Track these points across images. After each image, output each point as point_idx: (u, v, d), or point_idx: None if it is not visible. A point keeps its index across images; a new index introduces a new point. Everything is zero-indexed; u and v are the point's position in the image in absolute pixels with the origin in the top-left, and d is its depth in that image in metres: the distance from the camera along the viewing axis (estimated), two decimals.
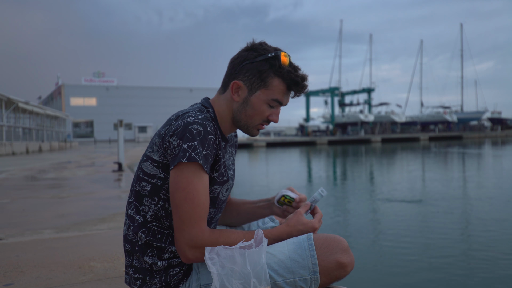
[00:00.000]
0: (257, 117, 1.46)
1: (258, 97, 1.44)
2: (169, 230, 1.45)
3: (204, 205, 1.35)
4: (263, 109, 1.45)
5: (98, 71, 59.64)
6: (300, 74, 1.43)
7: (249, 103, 1.45)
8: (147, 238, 1.43)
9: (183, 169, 1.32)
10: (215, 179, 1.44)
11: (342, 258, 1.38)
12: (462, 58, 79.55)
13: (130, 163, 12.24)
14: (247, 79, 1.44)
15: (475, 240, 5.71)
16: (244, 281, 1.24)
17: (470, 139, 48.86)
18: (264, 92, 1.44)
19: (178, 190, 1.32)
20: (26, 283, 2.10)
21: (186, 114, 1.39)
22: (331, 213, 7.99)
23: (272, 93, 1.43)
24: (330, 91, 60.41)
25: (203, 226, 1.35)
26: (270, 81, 1.42)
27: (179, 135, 1.33)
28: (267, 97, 1.44)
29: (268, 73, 1.42)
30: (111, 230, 3.39)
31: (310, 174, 15.94)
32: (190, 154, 1.31)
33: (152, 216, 1.44)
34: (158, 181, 1.42)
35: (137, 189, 1.47)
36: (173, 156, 1.34)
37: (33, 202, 5.11)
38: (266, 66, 1.42)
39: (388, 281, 4.27)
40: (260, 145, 38.87)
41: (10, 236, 3.22)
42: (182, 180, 1.32)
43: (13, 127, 22.40)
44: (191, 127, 1.33)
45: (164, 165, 1.40)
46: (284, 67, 1.41)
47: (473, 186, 11.40)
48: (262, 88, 1.43)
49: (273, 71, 1.42)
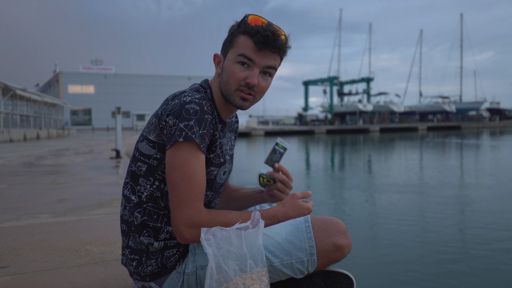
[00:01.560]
0: (230, 81, 1.38)
1: (228, 58, 1.39)
2: (164, 210, 1.43)
3: (201, 185, 1.33)
4: (234, 69, 1.37)
5: (96, 59, 59.29)
6: (266, 27, 1.35)
7: (224, 69, 1.41)
8: (143, 218, 1.41)
9: (180, 149, 1.30)
10: (211, 160, 1.42)
11: (340, 240, 1.37)
12: (461, 48, 79.23)
13: (128, 150, 12.21)
14: (222, 48, 1.43)
15: (471, 225, 5.74)
16: (240, 262, 1.24)
17: (469, 129, 48.92)
18: (232, 52, 1.38)
19: (174, 170, 1.31)
20: (22, 265, 2.10)
21: (183, 94, 1.37)
22: (330, 199, 8.01)
23: (238, 49, 1.37)
24: (329, 80, 60.19)
25: (200, 206, 1.33)
26: (236, 39, 1.38)
27: (175, 114, 1.31)
28: (234, 54, 1.37)
29: (235, 34, 1.38)
30: (108, 215, 3.38)
31: (308, 162, 15.95)
32: (186, 133, 1.29)
33: (147, 196, 1.42)
34: (154, 162, 1.40)
35: (133, 169, 1.45)
36: (169, 135, 1.32)
37: (30, 188, 5.09)
38: (235, 29, 1.39)
39: (384, 263, 4.29)
40: (259, 134, 38.86)
41: (7, 221, 3.21)
42: (178, 160, 1.30)
43: (10, 114, 22.28)
44: (187, 106, 1.31)
45: (160, 145, 1.38)
46: (249, 24, 1.36)
47: (469, 174, 11.42)
48: (230, 49, 1.39)
49: (239, 30, 1.37)
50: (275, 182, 1.59)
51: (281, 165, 1.57)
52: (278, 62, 1.43)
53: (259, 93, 1.42)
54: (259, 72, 1.38)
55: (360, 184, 10.10)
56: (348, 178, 11.53)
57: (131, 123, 55.07)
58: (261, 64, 1.38)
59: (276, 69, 1.43)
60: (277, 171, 1.57)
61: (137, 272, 1.43)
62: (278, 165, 1.57)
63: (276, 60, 1.40)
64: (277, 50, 1.37)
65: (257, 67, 1.38)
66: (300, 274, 1.38)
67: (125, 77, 59.77)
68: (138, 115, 55.33)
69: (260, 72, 1.39)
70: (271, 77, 1.44)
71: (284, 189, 1.58)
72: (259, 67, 1.38)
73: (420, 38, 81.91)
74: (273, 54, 1.38)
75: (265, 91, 1.44)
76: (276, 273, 1.37)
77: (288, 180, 1.57)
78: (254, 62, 1.37)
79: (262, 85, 1.40)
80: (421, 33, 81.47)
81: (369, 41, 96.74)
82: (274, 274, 1.37)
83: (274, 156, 1.58)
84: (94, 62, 59.01)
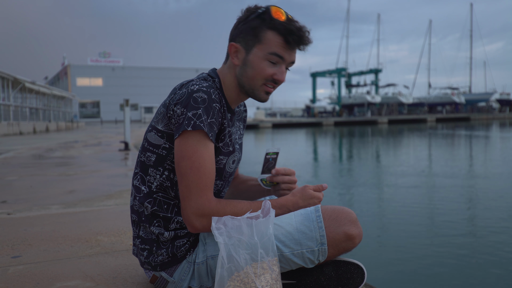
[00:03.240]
0: (258, 77, 1.38)
1: (255, 54, 1.38)
2: (175, 200, 1.43)
3: (210, 174, 1.32)
4: (263, 66, 1.37)
5: (104, 51, 59.46)
6: (295, 24, 1.36)
7: (248, 63, 1.39)
8: (153, 208, 1.42)
9: (188, 138, 1.29)
10: (220, 149, 1.42)
11: (350, 230, 1.36)
12: (471, 38, 78.39)
13: (136, 143, 12.25)
14: (242, 40, 1.39)
15: (480, 215, 5.70)
16: (251, 251, 1.23)
17: (478, 121, 48.47)
18: (260, 48, 1.37)
19: (183, 159, 1.30)
20: (33, 255, 2.12)
21: (190, 83, 1.37)
22: (338, 189, 7.99)
23: (268, 47, 1.36)
24: (337, 72, 59.84)
25: (209, 195, 1.33)
26: (263, 35, 1.36)
27: (183, 103, 1.31)
28: (264, 52, 1.36)
29: (260, 28, 1.36)
30: (118, 206, 3.40)
31: (316, 154, 15.92)
32: (195, 122, 1.28)
33: (157, 186, 1.42)
34: (163, 151, 1.40)
35: (142, 159, 1.45)
36: (178, 125, 1.31)
37: (41, 179, 5.13)
38: (258, 22, 1.37)
39: (394, 253, 4.29)
40: (266, 126, 38.80)
41: (18, 211, 3.24)
42: (187, 149, 1.29)
43: (20, 107, 22.45)
44: (195, 95, 1.30)
45: (169, 135, 1.37)
46: (276, 19, 1.35)
47: (478, 167, 11.33)
48: (257, 44, 1.37)
49: (265, 25, 1.36)
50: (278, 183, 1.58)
51: (277, 169, 1.54)
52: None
53: (279, 86, 1.45)
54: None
55: (368, 175, 10.07)
56: (356, 169, 11.49)
57: (139, 116, 55.24)
58: (288, 61, 1.41)
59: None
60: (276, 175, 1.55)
61: (148, 262, 1.44)
62: (274, 170, 1.55)
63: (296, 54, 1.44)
64: (304, 48, 1.40)
65: (285, 63, 1.40)
66: (311, 263, 1.38)
67: (133, 70, 59.89)
68: (146, 107, 55.47)
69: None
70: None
71: (289, 186, 1.56)
72: (286, 63, 1.40)
73: (429, 28, 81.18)
74: (297, 50, 1.41)
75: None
76: (286, 262, 1.37)
77: (290, 177, 1.55)
78: (284, 60, 1.39)
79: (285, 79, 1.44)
80: (430, 24, 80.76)
81: (378, 32, 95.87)
82: (285, 263, 1.37)
83: (268, 164, 1.56)
84: (102, 54, 59.18)
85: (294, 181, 1.55)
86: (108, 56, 59.47)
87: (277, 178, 1.54)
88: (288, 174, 1.55)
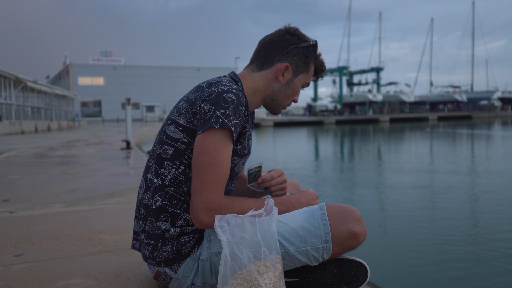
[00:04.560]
0: (291, 98, 1.56)
1: (300, 80, 1.54)
2: (185, 196, 1.44)
3: (226, 173, 1.35)
4: (298, 89, 1.56)
5: (105, 50, 59.43)
6: (323, 63, 1.58)
7: (291, 85, 1.53)
8: (163, 203, 1.42)
9: (212, 135, 1.31)
10: (237, 151, 1.45)
11: (355, 227, 1.37)
12: (473, 36, 78.15)
13: (138, 142, 12.26)
14: (294, 63, 1.51)
15: (482, 213, 5.69)
16: (254, 249, 1.23)
17: (480, 119, 48.39)
18: (305, 76, 1.55)
19: (203, 154, 1.32)
20: (36, 253, 2.12)
21: (220, 83, 1.39)
22: (340, 187, 7.99)
23: (308, 77, 1.56)
24: (339, 70, 59.81)
25: (221, 192, 1.35)
26: (310, 67, 1.54)
27: (212, 101, 1.33)
28: (305, 80, 1.56)
29: (310, 59, 1.53)
30: (120, 204, 3.40)
31: (317, 153, 15.91)
32: (223, 120, 1.30)
33: (171, 180, 1.42)
34: (182, 146, 1.40)
35: (158, 151, 1.45)
36: (203, 121, 1.33)
37: (43, 178, 5.14)
38: (310, 53, 1.52)
39: (397, 251, 4.28)
40: (268, 125, 38.81)
41: (20, 210, 3.24)
42: (209, 145, 1.31)
43: (22, 106, 22.48)
44: (225, 95, 1.33)
45: (190, 130, 1.38)
46: (319, 56, 1.56)
47: (480, 165, 11.32)
48: (304, 72, 1.54)
49: (313, 58, 1.54)
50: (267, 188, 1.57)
51: (263, 177, 1.52)
52: None
53: None
54: None
55: (371, 173, 10.06)
56: (359, 167, 11.48)
57: (141, 115, 55.28)
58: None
59: None
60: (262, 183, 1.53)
61: (152, 257, 1.44)
62: (260, 179, 1.53)
63: None
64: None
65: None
66: (315, 261, 1.38)
67: (135, 69, 59.87)
68: (148, 106, 55.50)
69: None
70: None
71: (280, 187, 1.54)
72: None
73: (430, 26, 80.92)
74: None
75: None
76: (291, 260, 1.37)
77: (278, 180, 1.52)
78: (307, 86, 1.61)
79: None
80: (431, 22, 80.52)
81: (379, 30, 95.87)
82: (289, 261, 1.37)
83: (253, 178, 1.54)
84: (104, 53, 59.16)
85: (284, 181, 1.54)
86: (110, 55, 59.45)
87: (263, 184, 1.53)
88: (276, 178, 1.52)
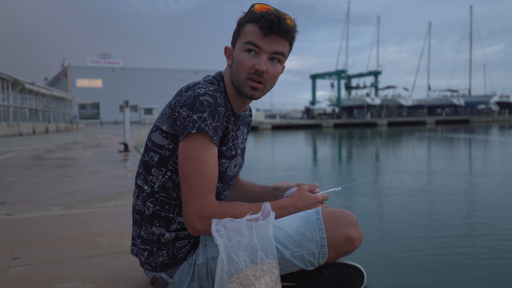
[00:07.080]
0: (240, 70, 1.37)
1: (237, 48, 1.39)
2: (176, 201, 1.44)
3: (213, 177, 1.34)
4: (242, 58, 1.36)
5: (103, 53, 59.46)
6: (271, 11, 1.34)
7: (233, 60, 1.40)
8: (155, 208, 1.42)
9: (193, 140, 1.30)
10: (223, 153, 1.42)
11: (351, 232, 1.37)
12: (471, 41, 78.34)
13: (136, 144, 12.26)
14: (232, 40, 1.43)
15: (479, 217, 5.70)
16: (251, 253, 1.23)
17: (477, 123, 48.49)
18: (239, 41, 1.38)
19: (187, 161, 1.31)
20: (33, 256, 2.12)
21: (197, 86, 1.37)
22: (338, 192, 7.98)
23: (244, 38, 1.36)
24: (337, 74, 59.82)
25: (211, 198, 1.34)
26: (243, 29, 1.38)
27: (189, 106, 1.31)
28: (241, 43, 1.37)
29: (242, 23, 1.39)
30: (118, 207, 3.40)
31: (315, 157, 15.92)
32: (200, 125, 1.29)
33: (159, 186, 1.43)
34: (166, 152, 1.40)
35: (145, 159, 1.46)
36: (183, 127, 1.32)
37: (40, 180, 5.13)
38: (242, 18, 1.40)
39: (394, 255, 4.29)
40: (266, 128, 38.81)
41: (17, 213, 3.24)
42: (191, 151, 1.30)
43: (19, 108, 22.43)
44: (201, 98, 1.31)
45: (173, 136, 1.38)
46: (255, 11, 1.35)
47: (477, 170, 11.34)
48: (238, 39, 1.39)
49: (246, 19, 1.38)
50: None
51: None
52: (287, 48, 1.40)
53: (269, 81, 1.40)
54: (267, 58, 1.37)
55: (368, 177, 10.07)
56: (356, 171, 11.49)
57: (139, 117, 55.21)
58: (268, 50, 1.36)
59: (285, 55, 1.41)
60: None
61: (148, 262, 1.44)
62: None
63: (284, 45, 1.38)
64: (283, 34, 1.35)
65: (265, 53, 1.36)
66: (311, 266, 1.38)
67: (133, 71, 59.89)
68: (146, 108, 55.45)
69: (268, 59, 1.38)
70: (281, 64, 1.42)
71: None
72: (266, 53, 1.36)
73: (429, 30, 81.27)
74: (279, 38, 1.36)
75: (275, 79, 1.42)
76: (286, 264, 1.37)
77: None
78: (261, 48, 1.35)
79: (271, 72, 1.38)
80: (430, 26, 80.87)
81: (377, 34, 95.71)
82: (285, 265, 1.37)
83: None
84: (102, 56, 59.17)
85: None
86: (108, 57, 59.46)
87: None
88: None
